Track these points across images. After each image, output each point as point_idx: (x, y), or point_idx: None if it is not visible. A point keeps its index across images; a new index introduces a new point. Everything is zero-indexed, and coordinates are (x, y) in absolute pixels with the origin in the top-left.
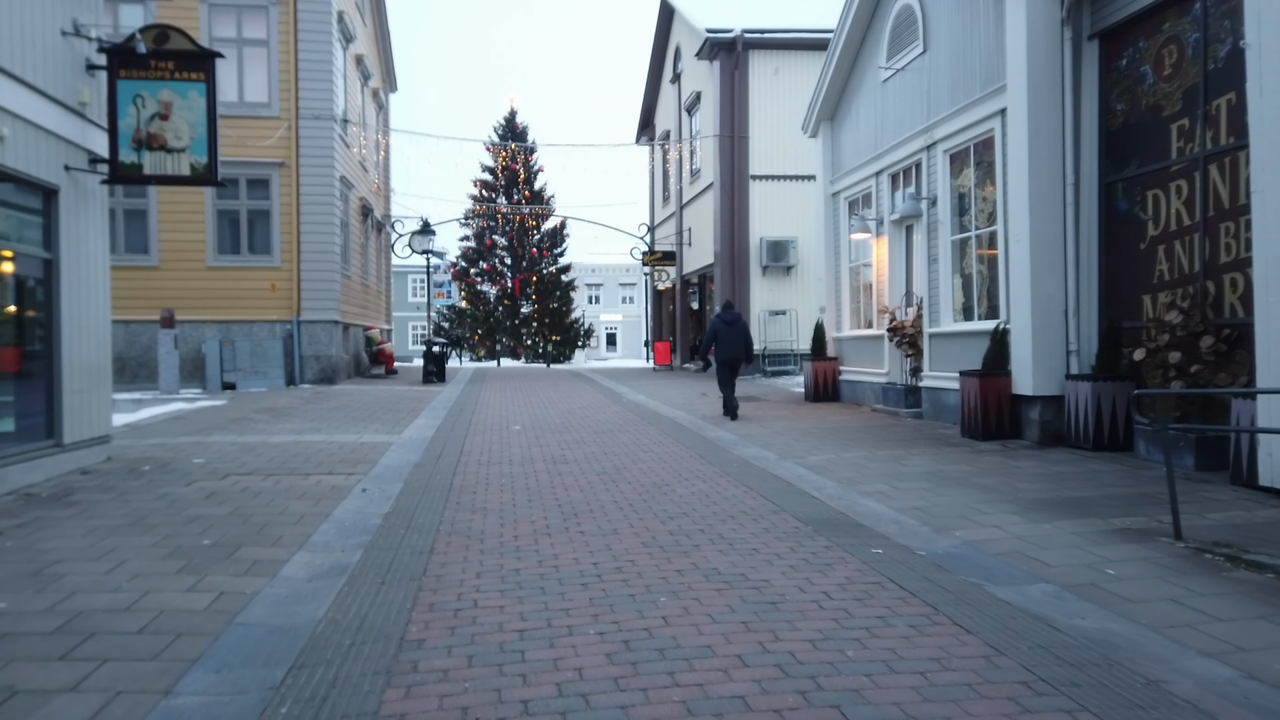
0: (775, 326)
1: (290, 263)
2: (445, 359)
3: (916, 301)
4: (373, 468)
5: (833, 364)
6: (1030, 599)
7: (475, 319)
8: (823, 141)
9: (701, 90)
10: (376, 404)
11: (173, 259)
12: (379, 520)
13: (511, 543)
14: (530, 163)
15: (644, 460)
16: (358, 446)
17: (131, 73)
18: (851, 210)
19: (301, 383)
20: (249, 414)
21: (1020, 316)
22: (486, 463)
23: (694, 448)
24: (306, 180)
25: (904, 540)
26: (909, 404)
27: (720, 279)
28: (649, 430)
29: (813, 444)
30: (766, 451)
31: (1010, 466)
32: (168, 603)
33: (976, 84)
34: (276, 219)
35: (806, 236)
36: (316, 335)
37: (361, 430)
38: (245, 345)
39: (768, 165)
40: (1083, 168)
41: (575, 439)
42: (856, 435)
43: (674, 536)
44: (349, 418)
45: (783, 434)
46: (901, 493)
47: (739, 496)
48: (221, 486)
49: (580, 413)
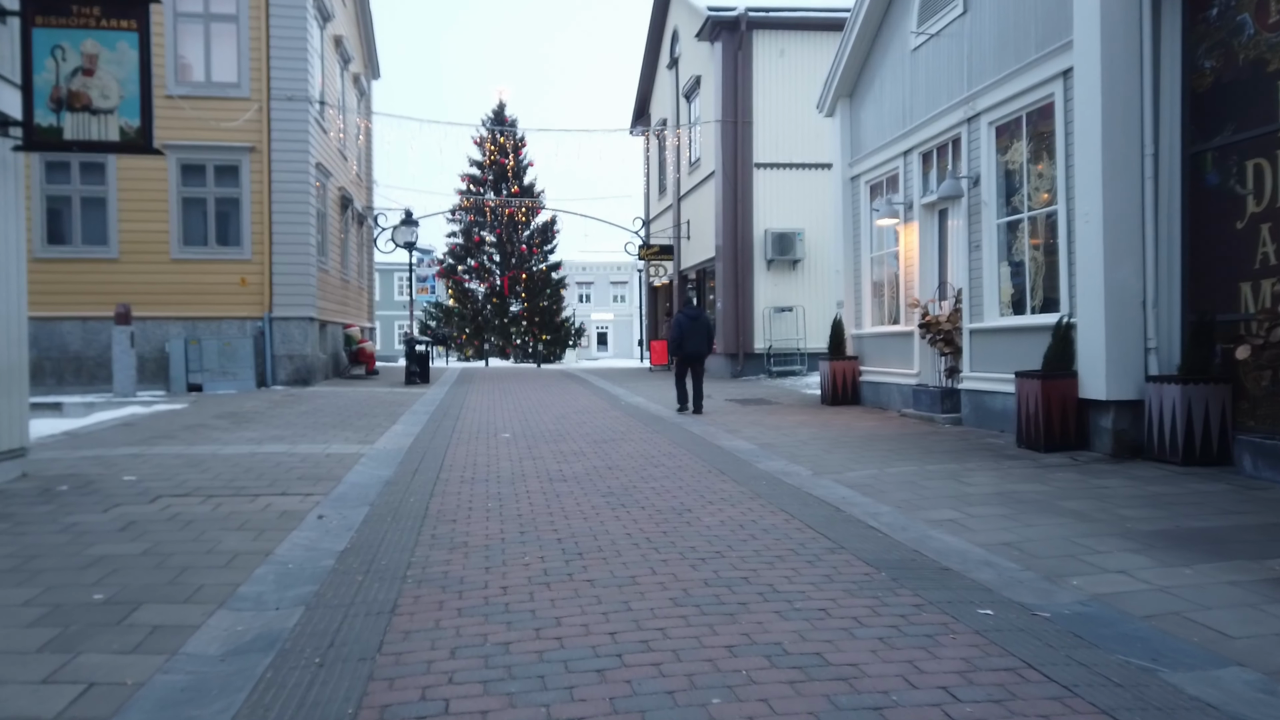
0: (781, 323)
1: (262, 255)
2: (429, 359)
3: (953, 294)
4: (336, 486)
5: (852, 364)
6: (1233, 697)
7: (463, 317)
8: (840, 121)
9: (701, 74)
10: (352, 408)
11: (134, 251)
12: (332, 561)
13: (499, 598)
14: (520, 156)
15: (656, 477)
16: (322, 459)
17: (49, 19)
18: (874, 195)
19: (274, 384)
20: (208, 419)
21: (1090, 308)
22: (470, 480)
23: (711, 461)
24: (279, 166)
25: (1011, 593)
26: (945, 408)
27: (722, 274)
28: (655, 439)
29: (847, 456)
30: (796, 466)
31: (1095, 487)
32: (3, 706)
33: (1031, 44)
34: (247, 208)
35: (814, 228)
36: (290, 333)
37: (330, 439)
38: (213, 344)
39: (773, 153)
40: (1163, 136)
41: (573, 450)
42: (894, 445)
43: (711, 589)
44: (319, 424)
45: (808, 444)
46: (977, 521)
47: (780, 527)
48: (146, 514)
49: (576, 418)
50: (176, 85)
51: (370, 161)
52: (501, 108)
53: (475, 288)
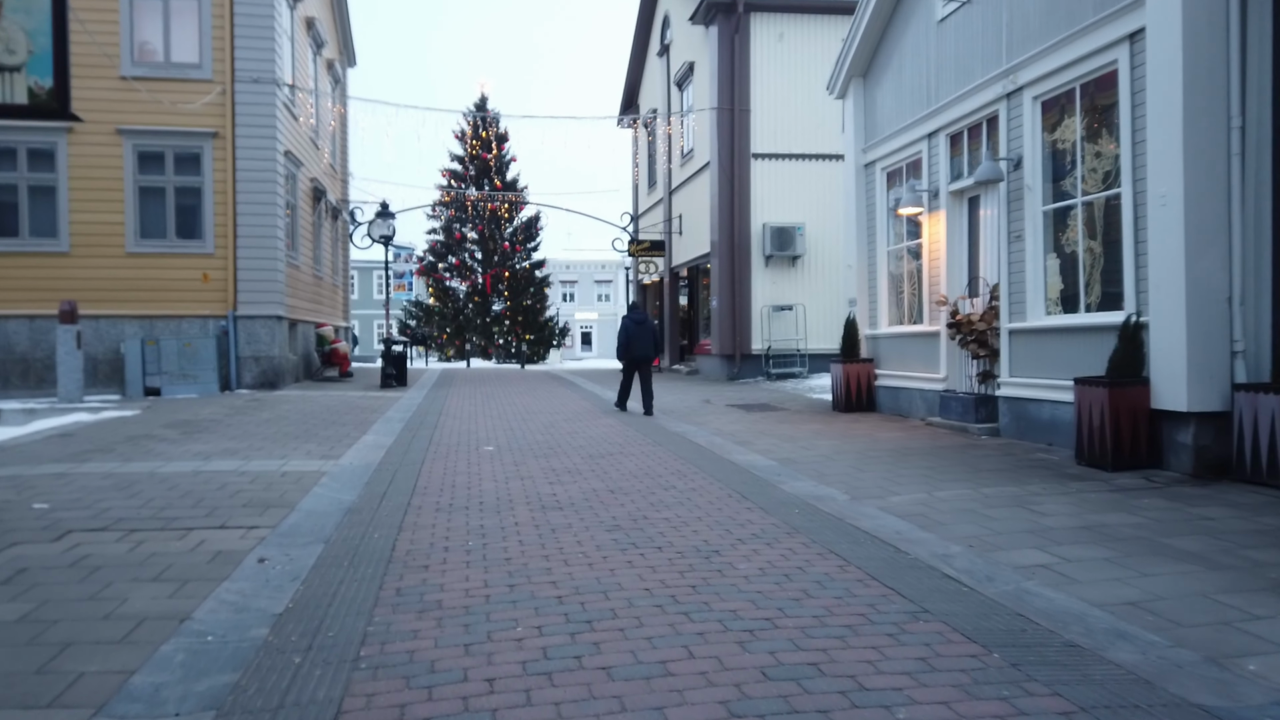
0: (780, 323)
1: (226, 249)
2: (406, 360)
3: (986, 290)
4: (287, 516)
5: (867, 366)
6: None
7: (444, 317)
8: (854, 103)
9: (695, 60)
10: (320, 414)
11: (86, 244)
12: (265, 630)
13: (482, 699)
14: (502, 151)
15: (668, 504)
16: (276, 480)
17: None
18: (891, 183)
19: (238, 387)
20: (156, 429)
21: (1166, 305)
22: (448, 508)
23: (728, 481)
24: (244, 153)
25: (1178, 687)
26: (979, 417)
27: (718, 270)
28: (659, 452)
29: (883, 475)
30: (828, 488)
31: (1197, 519)
32: None
33: (1087, 6)
34: (209, 198)
35: (816, 222)
36: (256, 333)
37: (290, 453)
38: (172, 344)
39: (772, 142)
40: (1251, 106)
41: (567, 466)
42: (933, 461)
43: (774, 685)
44: (280, 434)
45: (834, 459)
46: (1077, 569)
47: (836, 578)
48: (44, 557)
49: (566, 425)
50: (133, 66)
51: (345, 152)
52: (484, 101)
53: (456, 286)
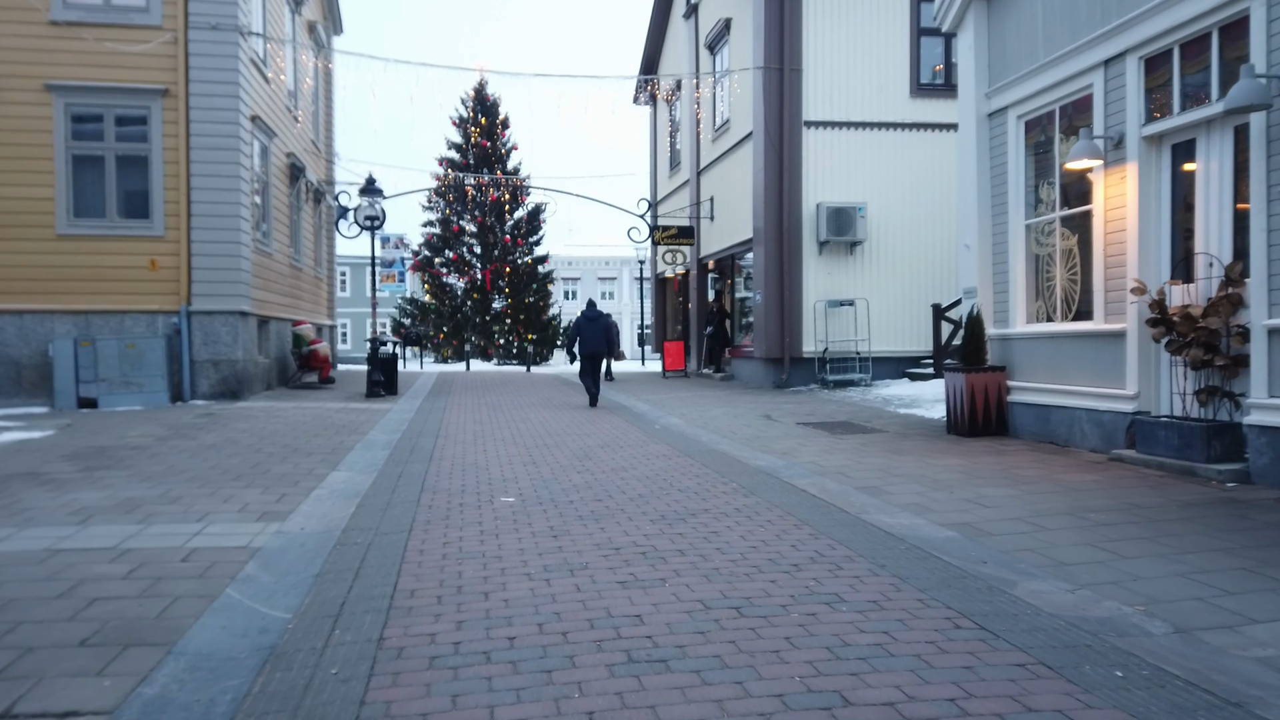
0: (838, 321)
1: (178, 230)
2: (396, 365)
3: (1213, 272)
4: (141, 685)
5: (996, 377)
6: None
7: (440, 315)
8: (973, 35)
9: (732, 16)
10: (283, 437)
11: (7, 224)
12: None
13: None
14: (503, 139)
15: (859, 647)
16: (172, 570)
17: None
18: (1031, 134)
19: (193, 398)
20: (53, 462)
21: None
22: (452, 655)
23: (916, 579)
24: (200, 114)
25: None
26: (1212, 454)
27: (763, 260)
28: (760, 509)
29: (1160, 566)
30: (1107, 602)
31: None
32: None
33: None
34: (158, 169)
35: (880, 202)
36: (215, 332)
37: (218, 508)
38: (112, 345)
39: (827, 108)
40: None
41: (635, 540)
42: (1203, 533)
43: None
44: (218, 471)
45: (1041, 527)
46: None
47: None
48: None
49: (605, 455)
50: (65, 9)
51: (331, 129)
52: (482, 85)
53: (454, 282)
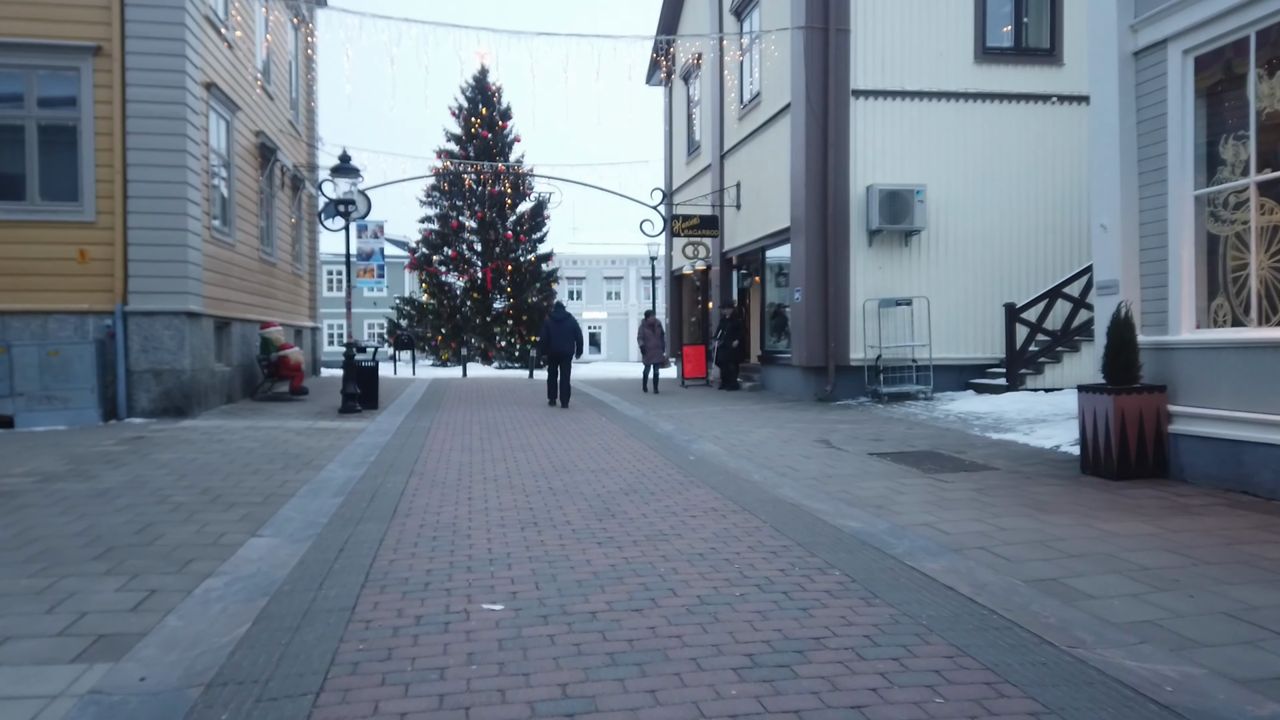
0: (891, 323)
1: (112, 215)
2: (376, 375)
3: None
4: None
5: (1154, 399)
6: None
7: (439, 315)
8: None
9: None
10: (207, 476)
11: None
12: None
13: None
14: (505, 130)
15: None
16: None
17: None
18: (1205, 71)
19: (130, 415)
20: None
21: None
22: None
23: None
24: (139, 77)
25: None
26: None
27: (803, 252)
28: (897, 626)
29: None
30: None
31: None
32: None
33: None
34: (88, 142)
35: (941, 184)
36: (156, 336)
37: (28, 624)
38: (30, 352)
39: (879, 76)
40: None
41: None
42: None
43: None
44: (81, 539)
45: None
46: None
47: None
48: None
49: (636, 513)
50: None
51: (313, 108)
52: (484, 73)
53: (453, 281)
